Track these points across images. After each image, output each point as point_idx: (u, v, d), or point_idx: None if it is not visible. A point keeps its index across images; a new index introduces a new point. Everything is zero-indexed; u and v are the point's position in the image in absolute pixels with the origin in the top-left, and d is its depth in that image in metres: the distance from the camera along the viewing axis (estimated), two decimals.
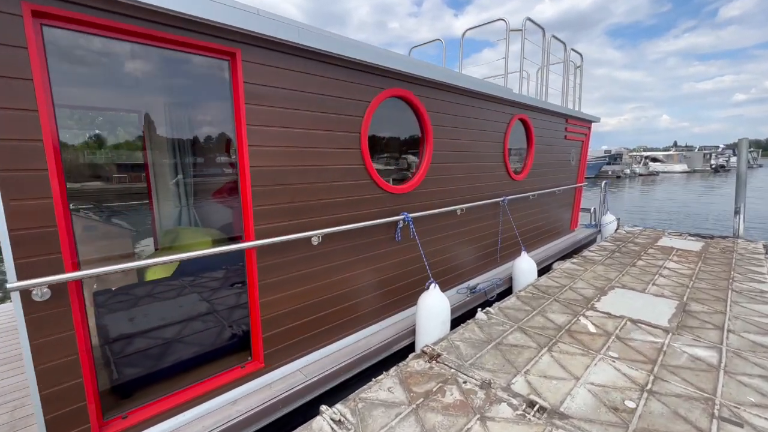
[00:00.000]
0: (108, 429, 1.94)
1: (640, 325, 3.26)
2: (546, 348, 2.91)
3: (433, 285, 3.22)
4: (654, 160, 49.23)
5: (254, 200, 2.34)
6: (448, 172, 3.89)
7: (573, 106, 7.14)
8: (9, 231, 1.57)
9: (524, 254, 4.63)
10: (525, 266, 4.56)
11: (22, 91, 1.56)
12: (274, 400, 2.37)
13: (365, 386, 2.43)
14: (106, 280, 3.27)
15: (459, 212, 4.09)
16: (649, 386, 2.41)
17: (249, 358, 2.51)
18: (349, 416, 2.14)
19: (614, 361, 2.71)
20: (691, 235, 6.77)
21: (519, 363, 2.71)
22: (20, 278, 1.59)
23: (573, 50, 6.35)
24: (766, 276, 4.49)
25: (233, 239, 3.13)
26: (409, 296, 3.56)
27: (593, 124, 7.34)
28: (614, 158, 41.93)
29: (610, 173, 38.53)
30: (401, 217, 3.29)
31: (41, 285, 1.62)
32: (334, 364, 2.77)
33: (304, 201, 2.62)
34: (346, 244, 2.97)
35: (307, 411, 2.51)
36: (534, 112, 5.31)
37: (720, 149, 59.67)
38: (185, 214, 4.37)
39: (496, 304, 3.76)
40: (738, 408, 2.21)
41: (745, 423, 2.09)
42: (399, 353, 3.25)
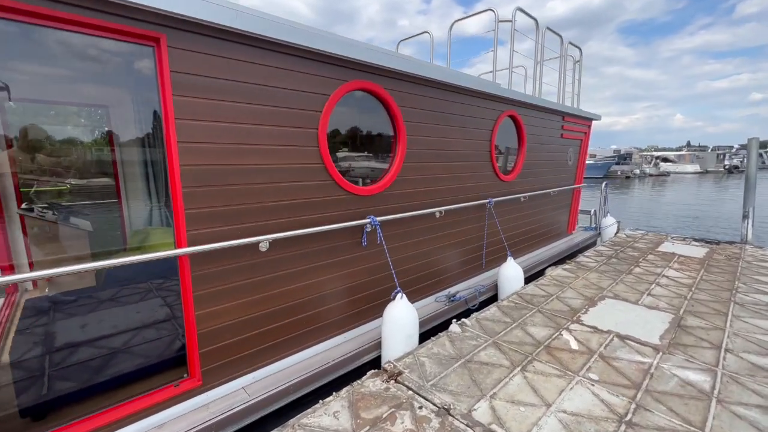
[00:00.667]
0: None
1: (628, 342, 2.97)
2: (519, 367, 2.64)
3: (400, 295, 2.97)
4: (665, 161, 48.09)
5: (186, 203, 2.11)
6: (425, 172, 3.63)
7: (572, 103, 6.80)
8: None
9: (510, 260, 4.34)
10: (511, 273, 4.28)
11: None
12: (209, 423, 2.15)
13: (309, 410, 2.20)
14: (62, 284, 3.09)
15: (438, 215, 3.83)
16: (629, 416, 2.13)
17: (185, 376, 2.28)
18: None
19: (593, 385, 2.43)
20: (696, 240, 6.40)
21: (486, 384, 2.44)
22: None
23: (571, 44, 6.02)
24: None
25: None
26: (378, 306, 3.31)
27: (599, 123, 6.99)
28: (624, 158, 41.04)
29: (619, 173, 37.71)
30: (367, 221, 3.04)
31: None
32: (285, 382, 2.54)
33: (249, 203, 2.38)
34: (303, 250, 2.73)
35: None
36: (525, 109, 5.00)
37: (734, 149, 58.12)
38: (156, 214, 4.18)
39: (474, 315, 3.49)
40: None
41: None
42: (365, 367, 3.01)
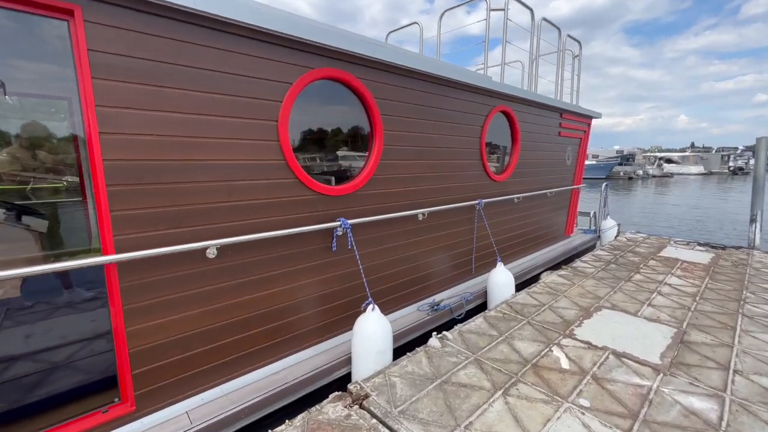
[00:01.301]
0: None
1: (625, 361, 2.67)
2: (501, 391, 2.35)
3: (371, 306, 2.68)
4: (669, 162, 47.60)
5: (112, 204, 1.83)
6: (405, 171, 3.34)
7: (571, 100, 6.49)
8: None
9: (500, 266, 4.05)
10: (500, 279, 3.99)
11: None
12: None
13: None
14: None
15: (421, 217, 3.54)
16: None
17: (116, 400, 2.01)
18: None
19: (584, 413, 2.13)
20: (700, 245, 6.08)
21: (462, 412, 2.15)
22: None
23: (570, 37, 5.71)
24: None
25: None
26: (352, 316, 3.02)
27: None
28: (626, 159, 40.60)
29: (622, 174, 37.32)
30: (337, 224, 2.76)
31: None
32: (238, 404, 2.26)
33: (192, 204, 2.10)
34: (262, 256, 2.45)
35: None
36: (519, 104, 4.70)
37: (739, 151, 57.46)
38: None
39: (457, 327, 3.20)
40: None
41: None
42: (334, 385, 2.73)
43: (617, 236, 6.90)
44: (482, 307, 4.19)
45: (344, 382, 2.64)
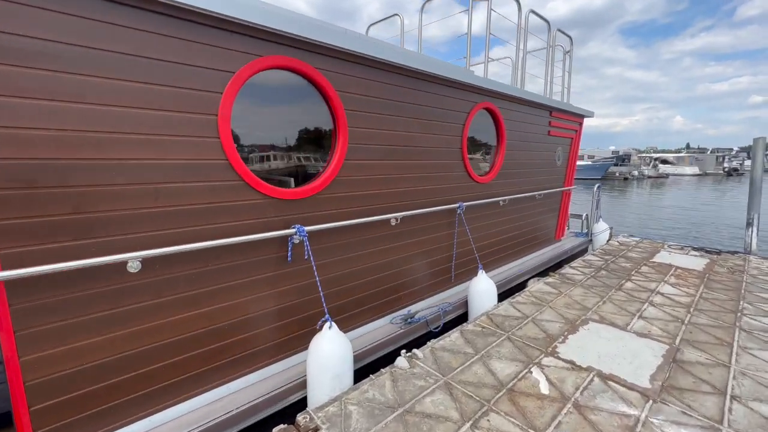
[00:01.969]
0: None
1: (611, 385, 2.40)
2: (470, 422, 2.07)
3: (328, 324, 2.39)
4: (664, 162, 47.62)
5: None
6: (375, 172, 3.05)
7: (562, 98, 6.24)
8: None
9: (481, 274, 3.78)
10: (482, 288, 3.72)
11: None
12: None
13: None
14: None
15: (394, 222, 3.25)
16: None
17: None
18: None
19: None
20: (695, 250, 5.84)
21: None
22: None
23: (560, 31, 5.45)
24: None
25: None
26: (310, 333, 2.73)
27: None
28: (622, 159, 40.50)
29: (618, 175, 37.24)
30: (293, 231, 2.47)
31: None
32: None
33: (107, 212, 1.80)
34: (199, 269, 2.15)
35: None
36: (505, 101, 4.43)
37: (734, 152, 57.66)
38: None
39: (430, 344, 2.92)
40: None
41: None
42: (286, 412, 2.44)
43: (609, 240, 6.65)
44: (463, 318, 3.92)
45: (299, 409, 2.35)
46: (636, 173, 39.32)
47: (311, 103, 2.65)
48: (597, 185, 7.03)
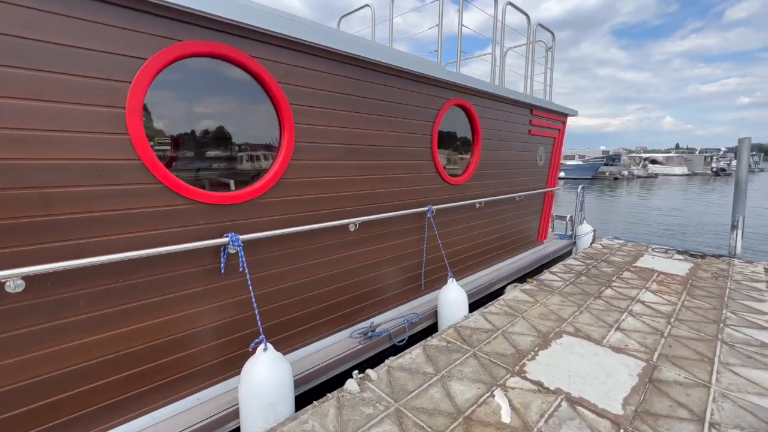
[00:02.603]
0: None
1: (580, 411, 2.17)
2: None
3: (263, 346, 2.12)
4: (653, 162, 47.99)
5: None
6: (329, 173, 2.78)
7: (544, 96, 6.02)
8: None
9: (451, 282, 3.53)
10: (451, 297, 3.47)
11: None
12: None
13: None
14: None
15: (353, 228, 2.99)
16: None
17: None
18: None
19: None
20: (679, 253, 5.67)
21: None
22: None
23: (540, 26, 5.22)
24: None
25: None
26: (248, 354, 2.46)
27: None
28: (612, 159, 40.70)
29: (608, 174, 37.40)
30: (224, 240, 2.19)
31: None
32: None
33: None
34: (105, 286, 1.87)
35: None
36: (479, 98, 4.19)
37: (721, 152, 58.40)
38: None
39: (387, 362, 2.66)
40: None
41: None
42: None
43: (593, 243, 6.47)
44: (434, 328, 3.67)
45: None
46: (626, 173, 39.53)
47: (254, 97, 2.37)
48: (581, 186, 6.83)
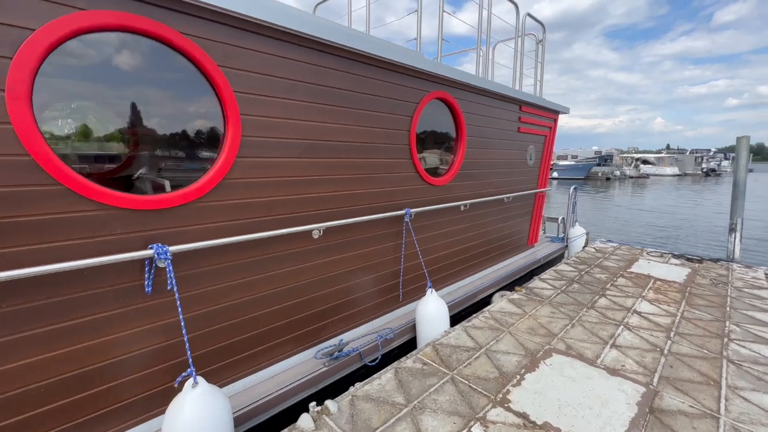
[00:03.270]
0: None
1: None
2: None
3: (192, 382, 1.77)
4: (645, 163, 48.21)
5: None
6: (286, 173, 2.43)
7: (535, 91, 5.72)
8: None
9: (430, 293, 3.20)
10: (430, 310, 3.14)
11: None
12: None
13: None
14: None
15: (316, 234, 2.64)
16: None
17: None
18: None
19: None
20: (675, 257, 5.40)
21: None
22: None
23: (530, 15, 4.91)
24: None
25: None
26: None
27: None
28: (605, 159, 40.78)
29: (600, 175, 37.46)
30: (149, 252, 1.83)
31: None
32: None
33: None
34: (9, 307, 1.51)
35: None
36: (463, 91, 3.87)
37: (712, 153, 58.94)
38: None
39: (352, 390, 2.32)
40: None
41: None
42: None
43: (585, 246, 6.18)
44: (413, 343, 3.34)
45: None
46: (618, 173, 39.61)
47: (193, 84, 2.01)
48: (573, 187, 6.56)
